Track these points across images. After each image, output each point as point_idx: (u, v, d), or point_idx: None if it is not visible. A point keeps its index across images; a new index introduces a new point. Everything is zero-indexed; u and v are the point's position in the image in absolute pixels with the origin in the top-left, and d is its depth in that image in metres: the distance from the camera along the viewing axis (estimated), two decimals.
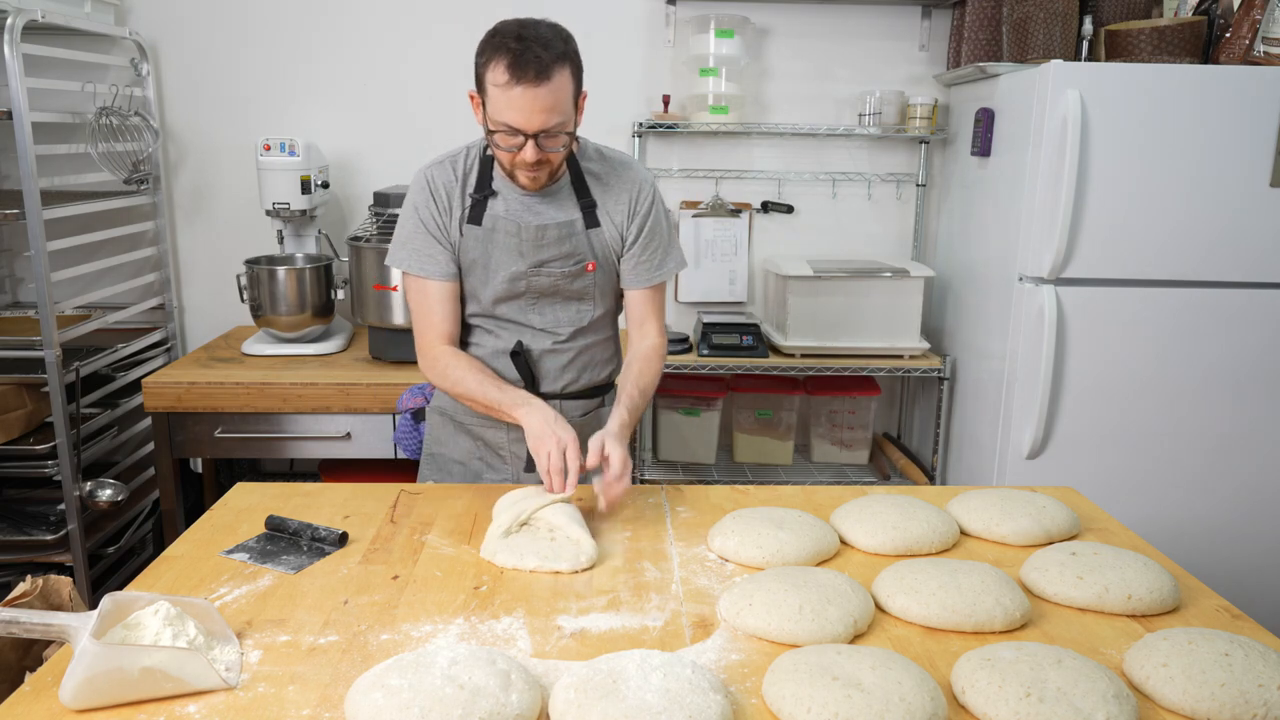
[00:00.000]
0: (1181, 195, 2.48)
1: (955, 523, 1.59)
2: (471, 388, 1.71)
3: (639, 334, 1.85)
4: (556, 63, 1.54)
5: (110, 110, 2.75)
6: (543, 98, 1.54)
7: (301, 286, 2.76)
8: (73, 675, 1.05)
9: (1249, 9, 2.47)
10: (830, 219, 3.22)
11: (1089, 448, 2.63)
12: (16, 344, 2.59)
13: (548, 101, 1.55)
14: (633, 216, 1.79)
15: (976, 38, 2.84)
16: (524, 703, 1.05)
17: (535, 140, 1.58)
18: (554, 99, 1.55)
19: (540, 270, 1.76)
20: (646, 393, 1.78)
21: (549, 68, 1.53)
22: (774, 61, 3.12)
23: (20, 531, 2.60)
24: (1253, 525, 2.67)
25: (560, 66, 1.55)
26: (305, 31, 3.05)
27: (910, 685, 1.06)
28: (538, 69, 1.52)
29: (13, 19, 2.35)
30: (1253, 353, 2.57)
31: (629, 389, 1.75)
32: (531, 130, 1.57)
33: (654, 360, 1.82)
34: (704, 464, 3.12)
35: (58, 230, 2.59)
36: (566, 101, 1.58)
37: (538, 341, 1.82)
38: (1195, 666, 1.12)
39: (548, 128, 1.57)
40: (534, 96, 1.54)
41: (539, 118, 1.56)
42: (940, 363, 2.91)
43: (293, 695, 1.11)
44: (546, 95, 1.54)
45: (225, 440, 2.58)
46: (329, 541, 1.51)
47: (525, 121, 1.56)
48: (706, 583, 1.41)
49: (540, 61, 1.52)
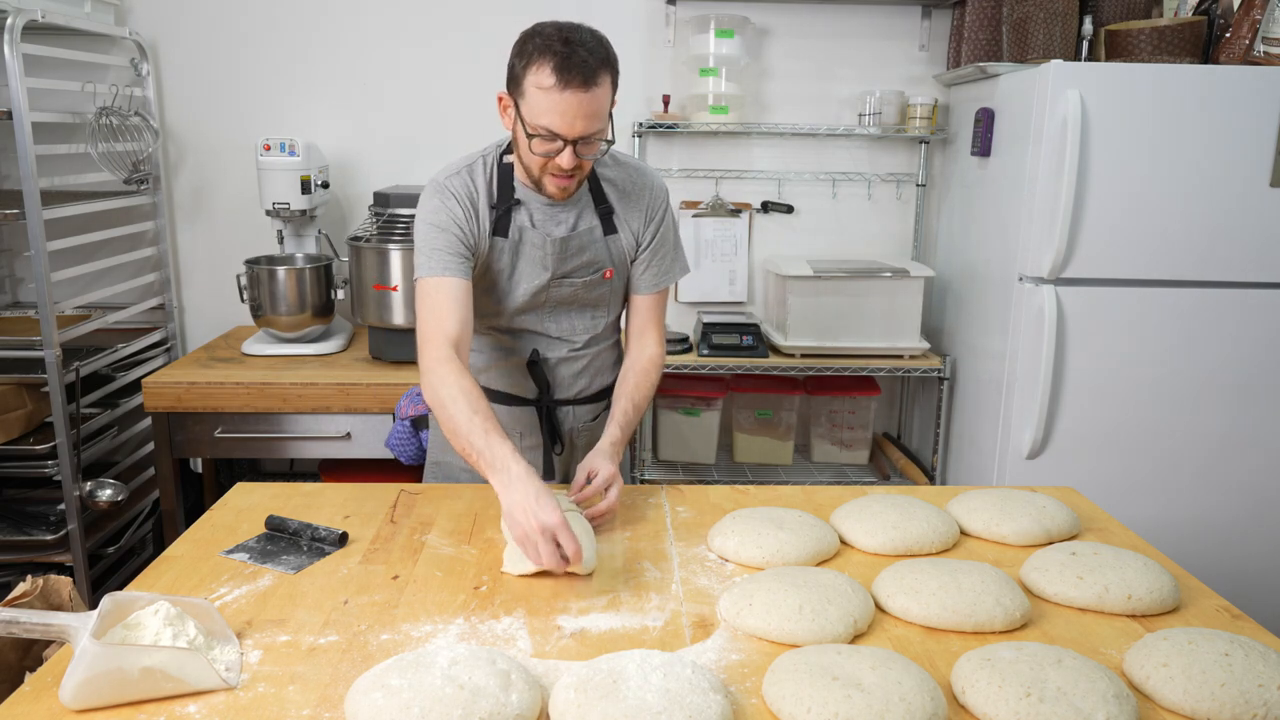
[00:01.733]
0: (1181, 195, 2.48)
1: (955, 523, 1.59)
2: (459, 421, 1.49)
3: (638, 343, 1.83)
4: (601, 68, 1.52)
5: (110, 110, 2.74)
6: (587, 103, 1.51)
7: (301, 286, 2.75)
8: (73, 675, 1.05)
9: (1249, 9, 2.47)
10: (830, 219, 3.22)
11: (1089, 448, 2.63)
12: (16, 344, 2.58)
13: (591, 108, 1.52)
14: (648, 223, 1.78)
15: (976, 38, 2.84)
16: (524, 703, 1.05)
17: (574, 146, 1.56)
18: (596, 105, 1.53)
19: (563, 281, 1.74)
20: (640, 406, 1.77)
21: (595, 73, 1.51)
22: (774, 61, 3.12)
23: (20, 531, 2.60)
24: (1253, 525, 2.67)
25: (604, 73, 1.53)
26: (305, 32, 3.05)
27: (910, 685, 1.06)
28: (585, 74, 1.49)
29: (13, 19, 2.35)
30: (1253, 353, 2.57)
31: (623, 404, 1.74)
32: (573, 136, 1.54)
33: (651, 373, 1.81)
34: (704, 464, 3.12)
35: (58, 230, 2.59)
36: (606, 108, 1.56)
37: (553, 350, 1.81)
38: (1195, 666, 1.12)
39: (588, 134, 1.55)
40: (579, 102, 1.51)
41: (581, 123, 1.53)
42: (940, 363, 2.91)
43: (293, 695, 1.11)
44: (590, 101, 1.52)
45: (225, 440, 2.58)
46: (329, 541, 1.51)
47: (567, 127, 1.53)
48: (706, 583, 1.41)
49: (587, 66, 1.49)
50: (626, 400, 1.75)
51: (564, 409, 1.86)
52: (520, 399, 1.84)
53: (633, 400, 1.75)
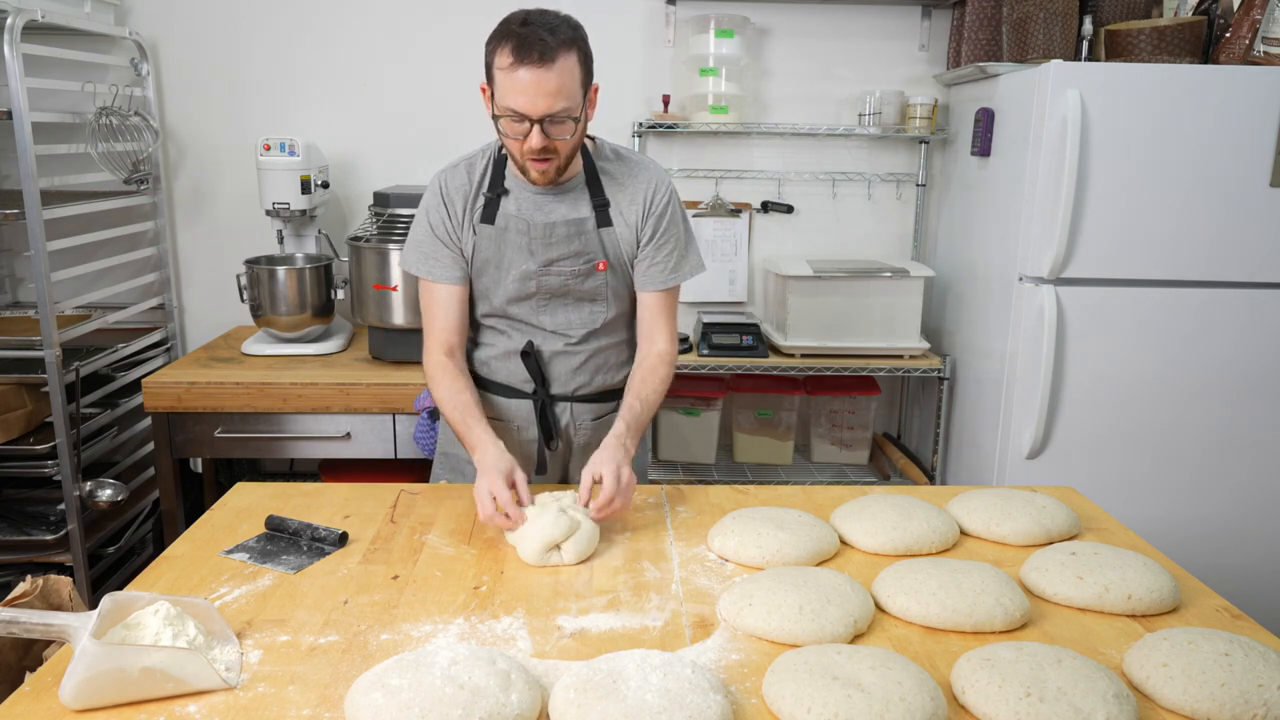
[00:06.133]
0: (1181, 195, 2.48)
1: (955, 523, 1.59)
2: (446, 410, 1.72)
3: (647, 340, 1.83)
4: (562, 47, 1.54)
5: (110, 110, 2.74)
6: (547, 80, 1.53)
7: (301, 286, 2.75)
8: (73, 675, 1.05)
9: (1249, 9, 2.47)
10: (830, 219, 3.22)
11: (1089, 448, 2.62)
12: (16, 344, 2.58)
13: (552, 85, 1.53)
14: (647, 216, 1.77)
15: (976, 38, 2.85)
16: (524, 703, 1.05)
17: (541, 126, 1.57)
18: (559, 82, 1.54)
19: (550, 269, 1.75)
20: (649, 402, 1.75)
21: (554, 51, 1.52)
22: (774, 61, 3.12)
23: (20, 531, 2.60)
24: (1253, 525, 2.67)
25: (566, 51, 1.54)
26: (305, 32, 3.05)
27: (910, 685, 1.06)
28: (542, 51, 1.52)
29: (13, 19, 2.35)
30: (1252, 353, 2.57)
31: (629, 399, 1.73)
32: (536, 115, 1.56)
33: (659, 369, 1.79)
34: (704, 464, 3.12)
35: (58, 230, 2.59)
36: (572, 87, 1.57)
37: (549, 343, 1.81)
38: (1195, 666, 1.12)
39: (553, 112, 1.56)
40: (537, 79, 1.53)
41: (544, 101, 1.54)
42: (940, 363, 2.91)
43: (293, 695, 1.11)
44: (551, 78, 1.53)
45: (225, 440, 2.58)
46: (329, 541, 1.51)
47: (530, 105, 1.55)
48: (706, 583, 1.41)
49: (545, 44, 1.52)
50: (633, 396, 1.74)
51: (561, 404, 1.86)
52: (518, 392, 1.85)
53: (639, 396, 1.74)
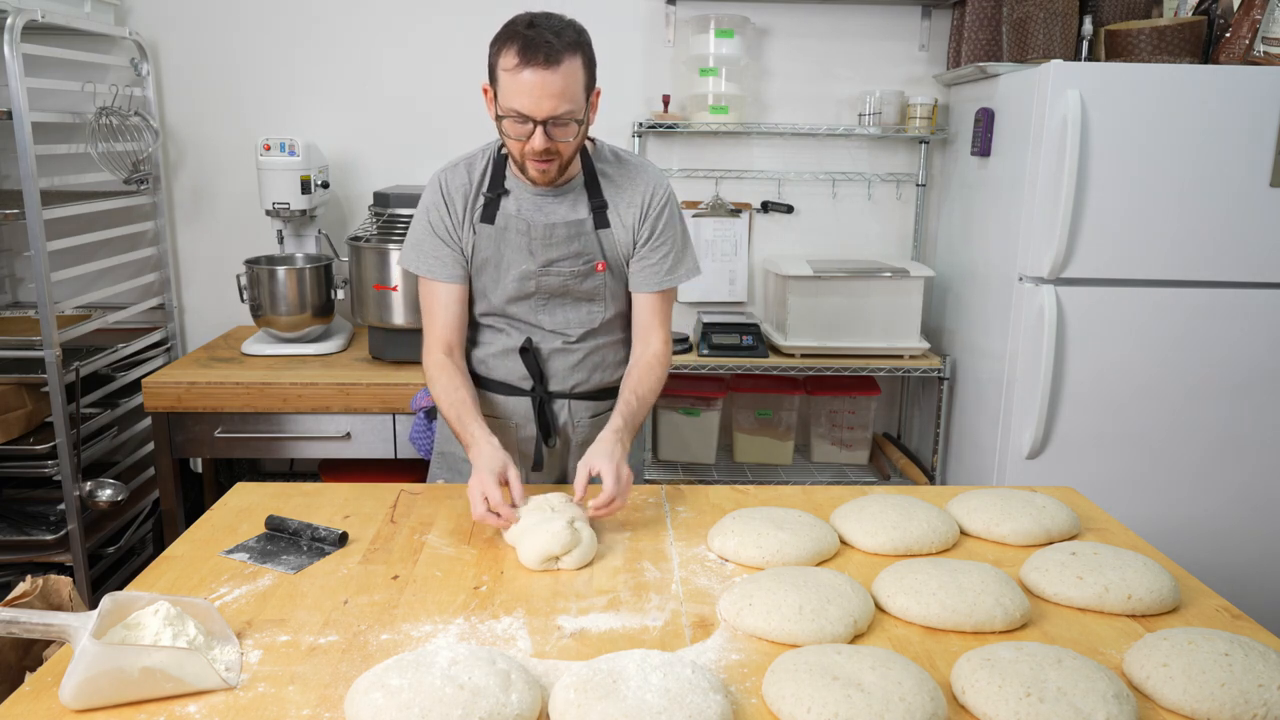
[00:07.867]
0: (1181, 195, 2.48)
1: (955, 523, 1.59)
2: (444, 407, 1.73)
3: (642, 341, 1.84)
4: (567, 50, 1.55)
5: (110, 110, 2.74)
6: (552, 83, 1.54)
7: (301, 286, 2.75)
8: (73, 675, 1.05)
9: (1249, 9, 2.47)
10: (830, 219, 3.22)
11: (1089, 448, 2.62)
12: (16, 344, 2.58)
13: (557, 87, 1.55)
14: (644, 218, 1.78)
15: (976, 38, 2.84)
16: (524, 703, 1.05)
17: (544, 128, 1.58)
18: (563, 85, 1.55)
19: (549, 270, 1.76)
20: (644, 399, 1.76)
21: (559, 53, 1.54)
22: (774, 61, 3.12)
23: (20, 531, 2.60)
24: (1253, 525, 2.67)
25: (571, 54, 1.55)
26: (305, 32, 3.05)
27: (910, 685, 1.06)
28: (547, 53, 1.53)
29: (13, 19, 2.35)
30: (1253, 353, 2.57)
31: (625, 395, 1.75)
32: (540, 116, 1.57)
33: (655, 368, 1.80)
34: (704, 464, 3.12)
35: (58, 230, 2.59)
36: (576, 90, 1.58)
37: (547, 341, 1.83)
38: (1195, 666, 1.12)
39: (556, 114, 1.57)
40: (542, 81, 1.54)
41: (548, 103, 1.55)
42: (940, 363, 2.91)
43: (293, 695, 1.11)
44: (556, 80, 1.54)
45: (225, 440, 2.58)
46: (329, 541, 1.51)
47: (534, 107, 1.56)
48: (706, 583, 1.41)
49: (550, 46, 1.53)
50: (630, 392, 1.75)
51: (559, 402, 1.87)
52: (517, 389, 1.86)
53: (636, 393, 1.75)
